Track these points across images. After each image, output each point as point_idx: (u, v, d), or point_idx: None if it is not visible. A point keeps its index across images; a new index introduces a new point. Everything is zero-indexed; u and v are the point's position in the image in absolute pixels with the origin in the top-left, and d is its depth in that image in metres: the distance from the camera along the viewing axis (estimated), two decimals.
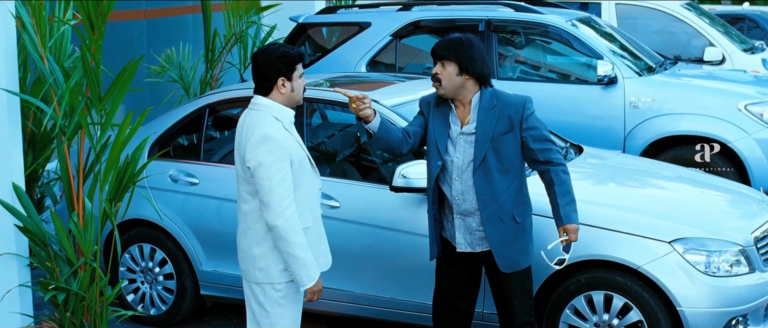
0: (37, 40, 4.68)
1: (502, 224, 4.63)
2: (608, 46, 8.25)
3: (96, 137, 4.74)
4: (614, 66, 7.86)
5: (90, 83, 4.56)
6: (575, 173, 5.80)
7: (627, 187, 5.88)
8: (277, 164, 4.12)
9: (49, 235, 4.78)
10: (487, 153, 4.58)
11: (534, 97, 7.78)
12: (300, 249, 4.16)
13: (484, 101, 4.64)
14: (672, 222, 5.08)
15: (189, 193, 6.00)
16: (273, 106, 4.27)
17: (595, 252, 5.00)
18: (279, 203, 4.11)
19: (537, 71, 8.72)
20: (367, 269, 5.54)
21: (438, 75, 4.61)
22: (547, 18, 8.28)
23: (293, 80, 4.29)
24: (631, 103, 7.87)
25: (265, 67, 4.27)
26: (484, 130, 4.60)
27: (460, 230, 4.70)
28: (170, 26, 11.20)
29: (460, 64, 4.58)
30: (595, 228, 5.03)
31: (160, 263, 6.14)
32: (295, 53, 4.33)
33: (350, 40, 8.77)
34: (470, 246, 4.70)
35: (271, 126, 4.19)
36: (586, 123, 7.93)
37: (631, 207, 5.28)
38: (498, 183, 4.60)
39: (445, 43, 4.63)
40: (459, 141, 4.65)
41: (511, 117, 4.62)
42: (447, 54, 4.59)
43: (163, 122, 6.28)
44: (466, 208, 4.65)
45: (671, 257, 4.92)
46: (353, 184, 5.65)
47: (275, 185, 4.11)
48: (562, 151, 6.11)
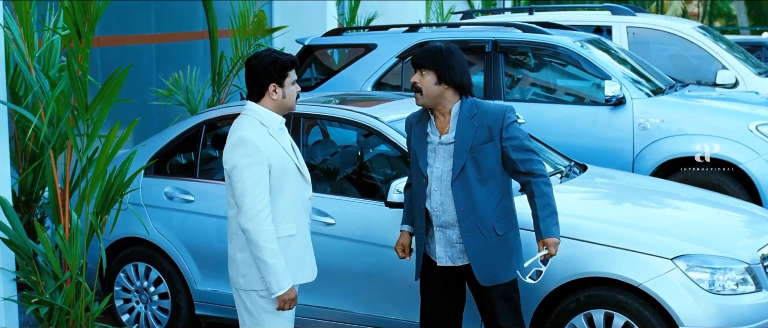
0: (25, 48, 4.61)
1: (481, 236, 4.52)
2: (617, 67, 8.12)
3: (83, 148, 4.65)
4: (622, 86, 7.74)
5: (76, 92, 4.48)
6: (578, 190, 5.72)
7: (630, 204, 5.73)
8: (252, 167, 4.10)
9: (34, 248, 4.69)
10: (467, 163, 4.48)
11: (541, 119, 7.88)
12: (270, 255, 4.11)
13: (464, 111, 4.55)
14: (674, 238, 4.93)
15: (184, 210, 5.91)
16: (261, 112, 4.26)
17: (595, 269, 4.85)
18: (251, 206, 4.08)
19: (544, 92, 8.60)
20: (363, 288, 5.41)
21: (417, 84, 4.53)
22: (554, 38, 8.17)
23: (285, 87, 4.27)
24: (639, 125, 7.73)
25: (256, 72, 4.27)
26: (463, 139, 4.50)
27: (440, 243, 4.59)
28: (180, 51, 11.19)
29: (438, 73, 4.49)
30: (594, 245, 4.89)
31: (155, 282, 6.04)
32: (287, 60, 4.31)
33: (356, 62, 8.70)
34: (451, 260, 4.59)
35: (252, 130, 4.18)
36: (594, 144, 7.79)
37: (632, 223, 5.13)
38: (477, 194, 4.49)
39: (424, 52, 4.56)
40: (438, 151, 4.56)
41: (491, 126, 4.52)
42: (425, 63, 4.51)
43: (160, 139, 6.20)
44: (446, 220, 4.55)
45: (674, 274, 4.76)
46: (349, 200, 5.54)
47: (248, 188, 4.09)
48: (567, 169, 5.98)
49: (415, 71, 4.56)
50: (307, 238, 4.36)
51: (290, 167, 4.27)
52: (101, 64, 10.14)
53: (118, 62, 10.28)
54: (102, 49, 10.18)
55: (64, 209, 4.73)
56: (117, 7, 10.31)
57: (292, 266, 4.25)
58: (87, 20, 4.44)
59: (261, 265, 4.11)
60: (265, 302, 4.21)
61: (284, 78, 4.27)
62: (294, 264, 4.27)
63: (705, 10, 32.29)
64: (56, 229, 4.70)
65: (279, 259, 4.12)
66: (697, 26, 10.42)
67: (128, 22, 10.59)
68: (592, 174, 6.10)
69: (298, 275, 4.31)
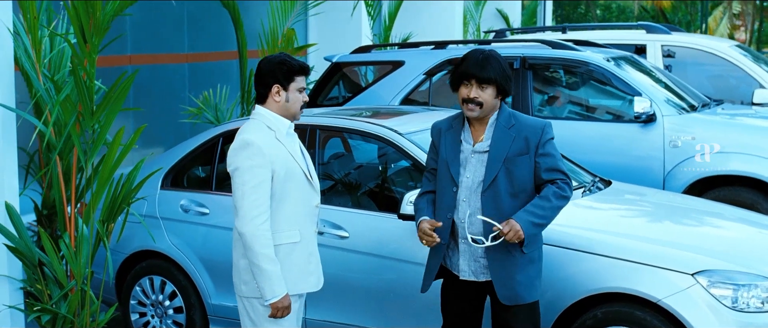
0: (33, 55, 4.59)
1: (507, 253, 4.33)
2: (648, 84, 7.95)
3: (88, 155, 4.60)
4: (653, 103, 7.56)
5: (81, 97, 4.43)
6: (599, 205, 5.56)
7: (652, 219, 5.56)
8: (254, 170, 4.03)
9: (40, 256, 4.64)
10: (499, 173, 4.30)
11: (570, 136, 7.72)
12: (265, 261, 4.04)
13: (502, 120, 4.38)
14: (695, 253, 4.75)
15: (199, 223, 5.84)
16: (268, 115, 4.20)
17: (613, 284, 4.69)
18: (249, 210, 4.01)
19: (573, 109, 8.45)
20: (377, 302, 5.29)
21: (478, 99, 4.31)
22: (584, 55, 8.02)
23: (289, 91, 4.19)
24: (670, 142, 7.54)
25: (263, 73, 4.22)
26: (498, 149, 4.33)
27: (464, 256, 4.41)
28: (214, 71, 11.21)
29: (500, 87, 4.32)
30: (612, 259, 4.73)
31: (170, 296, 5.98)
32: (296, 64, 4.22)
33: (384, 79, 8.62)
34: (474, 274, 4.41)
35: (257, 133, 4.12)
36: (623, 162, 7.62)
37: (653, 238, 4.96)
38: (507, 207, 4.31)
39: (484, 65, 4.30)
40: (470, 160, 4.38)
41: (529, 139, 4.35)
42: (490, 76, 4.29)
43: (177, 152, 6.16)
44: (473, 232, 4.35)
45: (694, 290, 4.58)
46: (364, 213, 5.43)
47: (248, 191, 4.02)
48: (590, 183, 5.83)
49: (469, 84, 4.32)
50: (314, 246, 4.27)
51: (296, 173, 4.19)
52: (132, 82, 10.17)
53: (149, 80, 10.43)
54: (133, 68, 10.22)
55: (69, 216, 4.68)
56: (150, 26, 10.38)
57: (296, 274, 4.17)
58: (92, 24, 4.39)
59: (256, 270, 4.05)
60: (267, 310, 4.13)
61: (290, 82, 4.19)
62: (298, 273, 4.19)
63: (752, 35, 31.85)
64: (62, 237, 4.66)
65: (274, 265, 4.04)
66: (734, 45, 10.20)
67: (162, 41, 10.64)
68: (616, 190, 5.94)
69: (302, 283, 4.22)
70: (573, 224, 4.95)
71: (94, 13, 4.32)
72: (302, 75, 4.24)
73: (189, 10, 10.98)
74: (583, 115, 8.34)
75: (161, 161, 6.16)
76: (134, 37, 10.19)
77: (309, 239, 4.24)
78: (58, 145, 4.52)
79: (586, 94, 8.52)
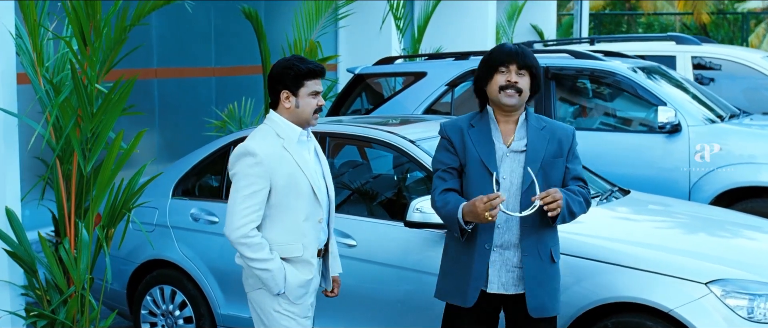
0: (34, 57, 4.56)
1: (539, 261, 4.11)
2: (673, 94, 7.78)
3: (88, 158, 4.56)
4: (678, 112, 7.39)
5: (80, 100, 4.38)
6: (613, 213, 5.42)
7: (666, 227, 5.42)
8: (250, 178, 3.95)
9: (39, 261, 4.60)
10: (537, 176, 4.08)
11: (594, 146, 7.58)
12: (259, 264, 4.00)
13: (532, 121, 4.19)
14: (708, 262, 4.60)
15: (208, 232, 5.78)
16: (279, 122, 4.08)
17: (623, 294, 4.55)
18: (237, 218, 3.95)
19: (597, 119, 8.30)
20: (384, 311, 5.19)
21: (518, 84, 4.08)
22: (608, 64, 7.88)
23: (299, 97, 4.04)
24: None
25: (272, 78, 4.10)
26: (535, 149, 4.11)
27: (494, 266, 4.12)
28: (241, 85, 11.20)
29: (535, 76, 4.13)
30: (622, 268, 4.59)
31: (180, 306, 5.92)
32: (304, 68, 4.04)
33: (406, 90, 8.54)
34: (504, 287, 4.13)
35: (262, 141, 4.02)
36: (648, 173, 7.45)
37: (665, 246, 4.81)
38: (543, 213, 4.07)
39: (519, 51, 4.10)
40: (505, 161, 4.13)
41: (562, 142, 4.19)
42: (529, 62, 4.08)
43: (188, 161, 6.12)
44: (508, 238, 4.10)
45: (707, 300, 4.42)
46: (372, 221, 5.33)
47: (239, 199, 3.96)
48: (607, 192, 5.70)
49: (508, 68, 4.07)
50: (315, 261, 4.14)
51: (300, 185, 4.05)
52: (158, 95, 10.20)
53: (175, 94, 10.44)
54: (159, 81, 10.24)
55: (69, 221, 4.64)
56: (177, 40, 10.41)
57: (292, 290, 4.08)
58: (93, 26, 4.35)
59: (256, 273, 4.01)
60: (274, 302, 4.06)
61: (299, 87, 4.04)
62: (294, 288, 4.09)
63: None
64: (62, 242, 4.61)
65: (271, 263, 3.98)
66: (766, 56, 9.98)
67: (188, 55, 10.66)
68: (633, 199, 5.79)
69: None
70: (583, 232, 4.83)
71: (94, 16, 4.28)
72: (313, 78, 4.06)
73: (216, 24, 11.00)
74: (607, 126, 8.19)
75: (172, 170, 6.12)
76: (160, 51, 10.22)
77: (311, 255, 4.11)
78: (56, 148, 4.47)
79: (611, 105, 8.37)
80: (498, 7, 16.44)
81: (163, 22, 10.19)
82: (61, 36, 4.69)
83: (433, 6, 12.05)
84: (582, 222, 4.73)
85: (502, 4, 17.19)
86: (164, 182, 6.06)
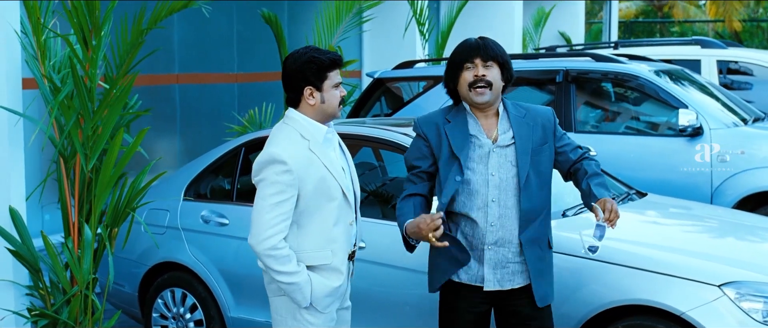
0: (38, 56, 4.54)
1: (539, 250, 4.07)
2: (695, 97, 7.65)
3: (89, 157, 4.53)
4: (699, 115, 7.27)
5: (80, 97, 4.35)
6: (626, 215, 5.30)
7: (681, 230, 5.30)
8: (279, 186, 3.71)
9: (43, 261, 4.58)
10: (530, 167, 4.00)
11: (615, 150, 7.47)
12: (286, 277, 3.77)
13: (513, 111, 4.07)
14: (722, 264, 4.48)
15: (218, 234, 5.74)
16: (303, 122, 3.82)
17: (634, 296, 4.43)
18: (264, 228, 3.71)
19: (617, 123, 8.19)
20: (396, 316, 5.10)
21: (486, 77, 3.94)
22: (628, 67, 7.77)
23: (324, 90, 3.80)
24: (718, 156, 7.23)
25: (291, 74, 3.81)
26: (524, 141, 4.01)
27: (489, 264, 4.04)
28: (264, 90, 11.19)
29: (504, 66, 4.00)
30: (633, 269, 4.48)
31: (190, 309, 5.88)
32: (326, 59, 3.81)
33: (425, 94, 8.48)
34: (499, 283, 4.06)
35: (288, 145, 3.76)
36: (669, 177, 7.33)
37: (679, 248, 4.69)
38: (539, 201, 4.02)
39: (482, 43, 3.98)
40: (492, 156, 4.02)
41: (545, 126, 4.09)
42: (494, 52, 3.96)
43: (200, 163, 6.08)
44: (502, 236, 4.01)
45: (721, 302, 4.30)
46: (381, 223, 5.25)
47: (266, 207, 3.71)
48: (623, 194, 5.60)
49: (474, 63, 3.96)
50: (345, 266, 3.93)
51: (330, 187, 3.83)
52: (179, 101, 10.21)
53: (197, 99, 10.44)
54: (181, 86, 10.25)
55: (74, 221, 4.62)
56: (199, 45, 10.41)
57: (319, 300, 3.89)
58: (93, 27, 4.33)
59: (282, 287, 3.81)
60: (295, 311, 3.87)
61: (322, 80, 3.78)
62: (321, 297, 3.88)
63: None
64: (65, 242, 4.59)
65: (297, 276, 3.77)
66: None
67: (210, 60, 10.67)
68: (649, 201, 5.68)
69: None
70: None
71: (92, 13, 4.26)
72: (335, 69, 3.84)
73: (238, 29, 11.00)
74: (626, 129, 8.08)
75: (184, 172, 6.09)
76: (182, 56, 10.23)
77: (341, 261, 3.92)
78: (57, 145, 4.44)
79: (632, 108, 8.25)
80: (525, 13, 16.35)
81: (184, 27, 10.21)
82: (60, 34, 4.67)
83: (458, 11, 11.98)
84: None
85: (529, 10, 17.10)
86: (176, 184, 6.03)
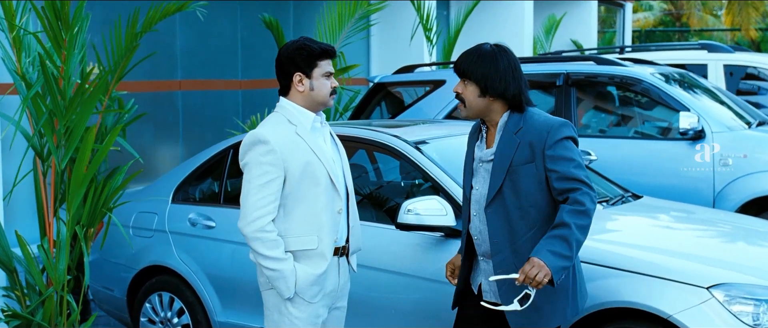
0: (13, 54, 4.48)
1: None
2: (698, 100, 7.52)
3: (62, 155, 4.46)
4: (701, 119, 7.13)
5: (51, 94, 4.28)
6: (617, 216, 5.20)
7: (671, 231, 5.18)
8: (263, 167, 3.76)
9: (18, 261, 4.51)
10: (504, 185, 3.80)
11: (615, 154, 7.34)
12: (271, 263, 3.78)
13: (510, 124, 3.87)
14: (711, 265, 4.35)
15: (205, 237, 5.66)
16: (291, 108, 3.90)
17: (618, 299, 4.31)
18: (251, 210, 3.76)
19: (618, 126, 8.06)
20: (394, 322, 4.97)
21: (460, 94, 3.90)
22: (630, 70, 7.65)
23: (314, 78, 3.87)
24: (720, 160, 7.09)
25: (282, 61, 3.91)
26: (502, 157, 3.82)
27: (484, 274, 3.95)
28: (268, 97, 11.13)
29: (480, 85, 3.84)
30: (619, 271, 4.36)
31: (178, 313, 5.80)
32: (317, 47, 3.88)
33: (425, 98, 8.39)
34: (495, 296, 3.93)
35: (274, 128, 3.83)
36: (670, 181, 7.20)
37: (667, 250, 4.56)
38: (515, 224, 3.79)
39: (467, 58, 3.88)
40: (479, 170, 3.94)
41: (533, 144, 3.78)
42: (466, 72, 3.86)
43: (188, 166, 6.01)
44: (486, 249, 3.91)
45: (709, 305, 4.17)
46: (373, 226, 5.11)
47: (253, 189, 3.77)
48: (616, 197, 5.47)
49: (459, 79, 3.94)
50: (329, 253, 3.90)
51: (316, 172, 3.85)
52: (182, 107, 10.17)
53: (200, 106, 10.39)
54: (183, 93, 10.21)
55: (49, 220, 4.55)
56: (202, 52, 10.37)
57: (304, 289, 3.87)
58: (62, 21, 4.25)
59: (265, 271, 3.81)
60: (280, 303, 3.87)
61: (312, 68, 3.87)
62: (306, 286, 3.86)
63: None
64: (41, 242, 4.52)
65: (282, 264, 3.78)
66: None
67: (214, 67, 10.62)
68: (643, 204, 5.56)
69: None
70: None
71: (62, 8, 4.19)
72: (326, 58, 3.91)
73: (243, 36, 10.95)
74: (627, 133, 7.95)
75: (173, 175, 6.02)
76: (185, 63, 10.19)
77: (327, 248, 3.89)
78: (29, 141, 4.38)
79: (633, 111, 8.13)
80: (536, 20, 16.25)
81: (187, 33, 10.17)
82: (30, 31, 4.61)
83: (464, 17, 11.89)
84: None
85: (540, 17, 16.99)
86: (164, 187, 5.96)
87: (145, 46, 8.51)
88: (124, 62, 7.16)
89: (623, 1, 20.15)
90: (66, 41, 4.32)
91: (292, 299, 3.86)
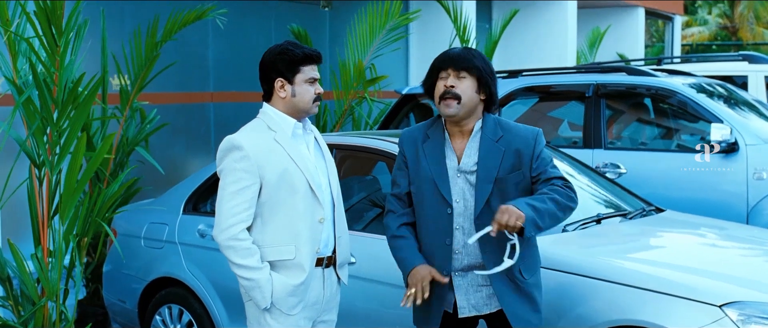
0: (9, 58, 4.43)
1: (509, 282, 3.81)
2: (733, 112, 7.25)
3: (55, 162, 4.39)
4: (734, 130, 6.87)
5: (42, 99, 4.21)
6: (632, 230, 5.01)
7: (689, 247, 4.95)
8: (237, 174, 3.67)
9: (12, 269, 4.44)
10: (491, 197, 3.72)
11: (645, 167, 7.10)
12: (245, 272, 3.68)
13: (487, 131, 3.76)
14: (725, 282, 4.13)
15: (213, 248, 5.53)
16: (272, 114, 3.79)
17: (628, 316, 4.10)
18: (224, 218, 3.67)
19: (649, 138, 7.82)
20: None
21: (454, 88, 3.70)
22: (662, 81, 7.42)
23: (296, 84, 3.75)
24: (754, 174, 6.81)
25: (264, 66, 3.80)
26: (487, 168, 3.73)
27: (460, 290, 3.83)
28: None
29: (481, 78, 3.72)
30: (628, 287, 4.16)
31: (187, 326, 5.70)
32: (299, 53, 3.75)
33: None
34: (475, 309, 3.84)
35: (250, 134, 3.75)
36: (701, 196, 6.93)
37: (679, 266, 4.34)
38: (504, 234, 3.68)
39: (463, 51, 3.76)
40: (457, 181, 3.80)
41: (521, 152, 3.76)
42: (468, 63, 3.70)
43: (199, 176, 5.93)
44: (469, 262, 3.81)
45: (722, 324, 3.95)
46: (374, 237, 5.00)
47: (226, 196, 3.68)
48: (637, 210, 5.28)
49: (445, 73, 3.76)
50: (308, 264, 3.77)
51: (294, 180, 3.73)
52: (214, 119, 10.14)
53: (232, 118, 10.34)
54: (215, 104, 10.18)
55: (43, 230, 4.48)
56: (234, 64, 10.34)
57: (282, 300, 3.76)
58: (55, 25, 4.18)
59: (241, 281, 3.71)
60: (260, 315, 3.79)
61: (294, 73, 3.74)
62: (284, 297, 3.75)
63: None
64: (35, 251, 4.45)
65: (257, 273, 3.68)
66: None
67: (246, 79, 10.58)
68: (663, 218, 5.34)
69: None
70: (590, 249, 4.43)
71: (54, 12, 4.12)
72: (310, 64, 3.78)
73: None
74: (659, 145, 7.71)
75: (184, 186, 5.95)
76: (217, 75, 10.17)
77: (305, 258, 3.76)
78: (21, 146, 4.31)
79: (664, 123, 7.88)
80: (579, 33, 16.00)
81: (220, 45, 10.15)
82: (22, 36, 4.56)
83: (501, 30, 11.71)
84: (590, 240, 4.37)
85: (584, 30, 16.74)
86: (175, 198, 5.89)
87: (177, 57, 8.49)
88: (144, 72, 7.11)
89: (672, 14, 19.80)
90: (60, 48, 4.24)
91: (270, 310, 3.75)
